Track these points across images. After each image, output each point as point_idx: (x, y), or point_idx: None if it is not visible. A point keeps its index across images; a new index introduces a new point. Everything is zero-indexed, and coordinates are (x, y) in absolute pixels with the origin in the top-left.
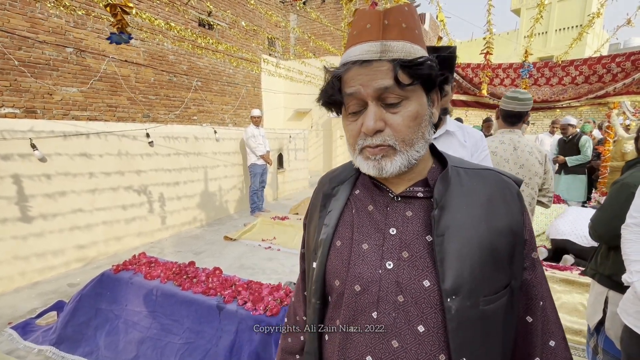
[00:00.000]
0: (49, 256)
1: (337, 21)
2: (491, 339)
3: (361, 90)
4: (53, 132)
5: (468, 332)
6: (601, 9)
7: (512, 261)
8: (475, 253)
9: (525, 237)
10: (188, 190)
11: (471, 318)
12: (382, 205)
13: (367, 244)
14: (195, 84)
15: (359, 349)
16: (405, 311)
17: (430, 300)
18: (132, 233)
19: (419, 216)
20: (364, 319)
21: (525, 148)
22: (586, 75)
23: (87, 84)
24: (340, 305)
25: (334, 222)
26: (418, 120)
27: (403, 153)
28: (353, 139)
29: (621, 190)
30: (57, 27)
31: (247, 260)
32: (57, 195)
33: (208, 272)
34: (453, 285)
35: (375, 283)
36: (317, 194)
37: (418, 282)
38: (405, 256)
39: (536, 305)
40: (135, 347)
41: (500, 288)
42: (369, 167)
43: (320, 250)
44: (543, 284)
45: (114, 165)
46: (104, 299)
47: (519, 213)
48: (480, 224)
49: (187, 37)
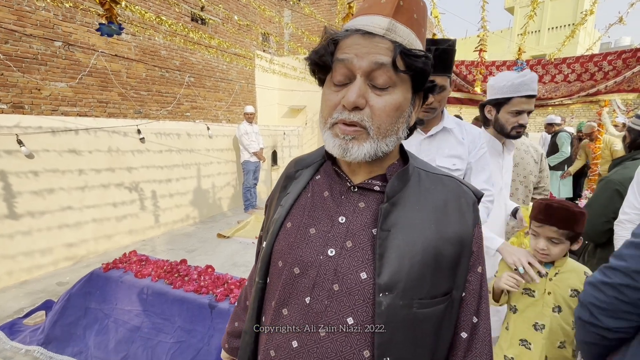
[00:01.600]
0: (37, 255)
1: (331, 17)
2: (420, 345)
3: (354, 61)
4: (41, 128)
5: (396, 332)
6: (594, 7)
7: (456, 270)
8: (418, 253)
9: (472, 249)
10: (180, 187)
11: (401, 318)
12: (337, 193)
13: (314, 228)
14: (187, 80)
15: (287, 334)
16: (337, 300)
17: (364, 293)
18: (123, 231)
19: (371, 209)
20: (297, 303)
21: (521, 147)
22: (578, 73)
23: (76, 78)
24: (277, 286)
25: (289, 204)
26: (398, 113)
27: (373, 141)
28: (329, 109)
29: (605, 188)
30: (45, 20)
31: (241, 258)
32: (45, 192)
33: (200, 271)
34: (388, 281)
35: (314, 268)
36: (282, 175)
37: (356, 273)
38: (348, 245)
39: (470, 321)
40: (125, 347)
41: (439, 294)
42: (335, 145)
43: (271, 230)
44: (483, 301)
45: (104, 162)
46: (94, 298)
47: (472, 224)
48: (430, 227)
49: (180, 32)
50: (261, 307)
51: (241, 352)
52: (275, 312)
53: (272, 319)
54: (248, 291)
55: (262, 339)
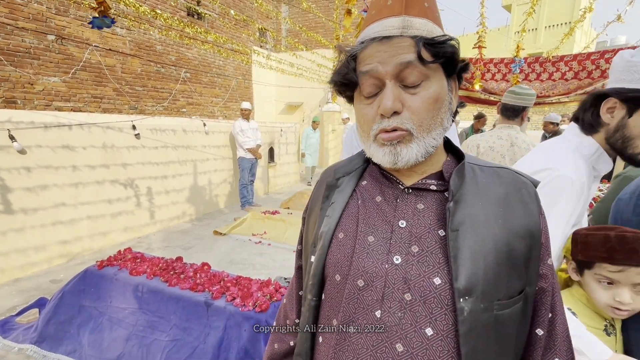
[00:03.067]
0: (30, 252)
1: (329, 13)
2: (504, 349)
3: (379, 68)
4: (33, 123)
5: (481, 338)
6: (592, 4)
7: (529, 265)
8: (491, 252)
9: (542, 241)
10: (177, 184)
11: (484, 322)
12: (391, 197)
13: (373, 236)
14: (183, 76)
15: (357, 352)
16: (412, 311)
17: (441, 300)
18: (118, 228)
19: (432, 209)
20: (366, 319)
21: (522, 145)
22: (575, 71)
23: (70, 73)
24: (340, 302)
25: (338, 214)
26: (438, 104)
27: (420, 140)
28: (368, 124)
29: (622, 183)
30: (38, 13)
31: (237, 255)
32: (38, 188)
33: (196, 268)
34: (467, 285)
35: (380, 278)
36: (320, 185)
37: (428, 279)
38: (414, 251)
39: (546, 317)
40: (120, 345)
41: (515, 293)
42: (384, 154)
43: (320, 243)
44: (556, 295)
45: (99, 158)
46: (88, 295)
47: (537, 214)
48: (496, 223)
49: (175, 27)
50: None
51: None
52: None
53: (337, 340)
54: (288, 309)
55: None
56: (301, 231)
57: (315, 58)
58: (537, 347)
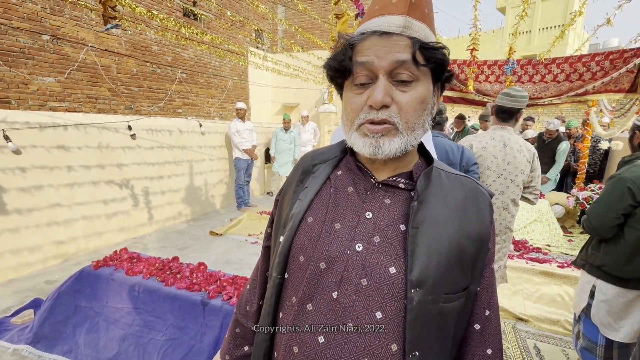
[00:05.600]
0: (25, 252)
1: (325, 14)
2: (444, 338)
3: (374, 61)
4: (28, 123)
5: (425, 326)
6: (582, 8)
7: (475, 266)
8: (444, 250)
9: (489, 247)
10: (173, 184)
11: (430, 313)
12: (362, 189)
13: (340, 223)
14: (179, 76)
15: (312, 327)
16: (366, 295)
17: (393, 288)
18: (114, 228)
19: (397, 205)
20: (323, 298)
21: (514, 145)
22: (567, 73)
23: (64, 73)
24: (301, 282)
25: (310, 198)
26: (423, 105)
27: (403, 136)
28: (354, 112)
29: (617, 185)
30: (32, 13)
31: (234, 255)
32: (33, 189)
33: (192, 268)
34: (419, 277)
35: (341, 262)
36: (296, 169)
37: (384, 267)
38: (376, 241)
39: (483, 314)
40: (116, 345)
41: (460, 289)
42: (365, 145)
43: (290, 224)
44: (494, 295)
45: (94, 158)
46: (84, 296)
47: (489, 223)
48: (453, 224)
49: (171, 27)
50: (278, 302)
51: (255, 350)
52: (299, 307)
53: (295, 315)
54: (249, 296)
55: (282, 336)
56: (272, 212)
57: (312, 59)
58: (473, 338)
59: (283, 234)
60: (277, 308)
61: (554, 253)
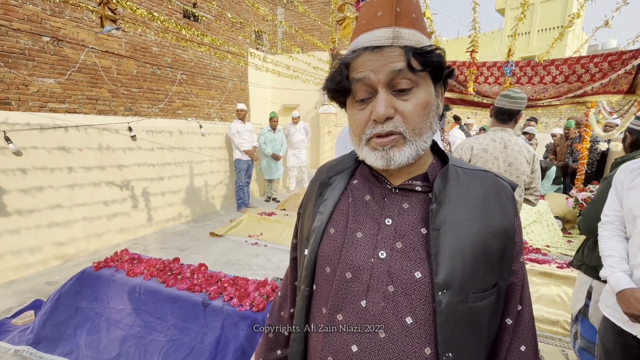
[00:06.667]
0: (26, 253)
1: (325, 16)
2: (477, 337)
3: (371, 76)
4: (29, 125)
5: (456, 327)
6: (581, 10)
7: (502, 262)
8: (469, 250)
9: (516, 240)
10: (173, 185)
11: (460, 313)
12: (379, 196)
13: (361, 232)
14: (180, 77)
15: (344, 337)
16: (394, 301)
17: (420, 292)
18: (114, 229)
19: (416, 209)
20: (352, 308)
21: (515, 147)
22: (566, 74)
23: (65, 74)
24: (329, 292)
25: (329, 210)
26: (427, 109)
27: (412, 143)
28: (360, 128)
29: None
30: (33, 14)
31: (234, 256)
32: (33, 190)
33: (193, 269)
34: (445, 279)
35: (366, 271)
36: (314, 183)
37: (410, 273)
38: (398, 247)
39: (515, 309)
40: (117, 346)
41: (489, 287)
42: (377, 158)
43: (313, 237)
44: (526, 289)
45: (95, 159)
46: (84, 297)
47: (513, 216)
48: (475, 222)
49: (171, 29)
50: (308, 314)
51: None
52: (329, 318)
53: (325, 326)
54: (282, 302)
55: (316, 347)
56: (296, 225)
57: (311, 60)
58: (506, 334)
59: (307, 247)
60: (307, 319)
61: (553, 254)
